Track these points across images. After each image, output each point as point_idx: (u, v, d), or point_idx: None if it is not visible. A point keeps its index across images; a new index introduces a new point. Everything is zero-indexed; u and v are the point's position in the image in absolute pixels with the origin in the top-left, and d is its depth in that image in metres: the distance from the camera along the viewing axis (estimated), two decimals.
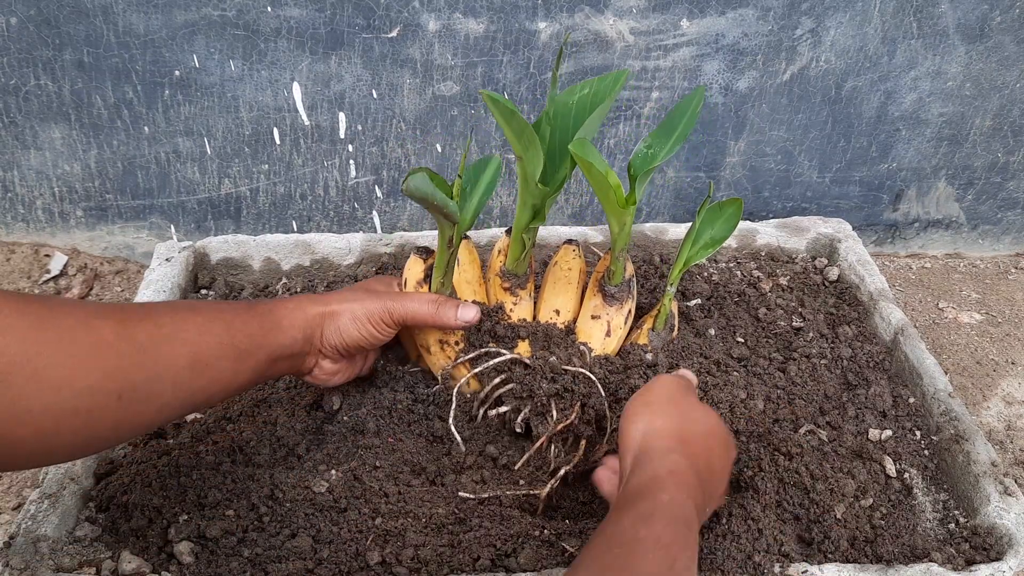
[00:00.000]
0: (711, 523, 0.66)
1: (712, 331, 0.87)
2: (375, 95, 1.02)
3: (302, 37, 0.97)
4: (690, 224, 0.77)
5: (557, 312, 0.79)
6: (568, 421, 0.70)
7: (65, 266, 1.12)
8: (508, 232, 0.79)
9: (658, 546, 0.50)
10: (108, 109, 1.01)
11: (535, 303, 0.80)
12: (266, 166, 1.07)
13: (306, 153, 1.06)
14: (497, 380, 0.73)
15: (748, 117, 1.08)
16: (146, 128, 1.02)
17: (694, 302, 0.91)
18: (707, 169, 1.12)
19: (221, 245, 0.96)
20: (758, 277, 0.97)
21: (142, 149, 1.04)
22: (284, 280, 0.96)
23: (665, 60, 1.02)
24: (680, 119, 0.73)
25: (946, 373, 0.84)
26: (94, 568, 0.61)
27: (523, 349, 0.76)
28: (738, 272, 0.98)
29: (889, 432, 0.77)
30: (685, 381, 0.67)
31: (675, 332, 0.82)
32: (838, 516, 0.68)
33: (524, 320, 0.78)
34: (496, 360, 0.73)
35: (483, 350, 0.74)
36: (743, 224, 1.02)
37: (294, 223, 1.12)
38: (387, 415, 0.77)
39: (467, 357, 0.74)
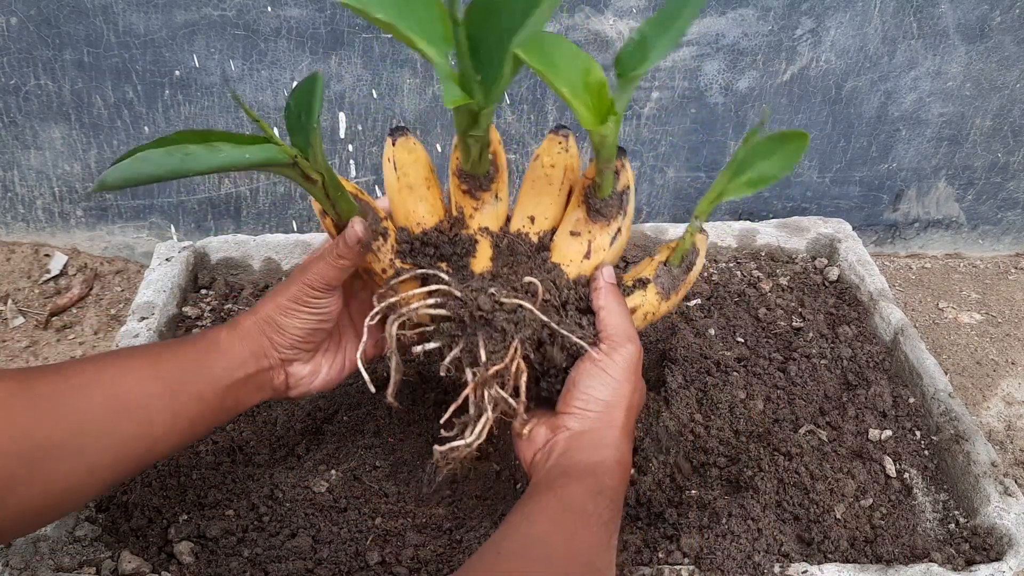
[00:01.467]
0: (711, 523, 0.66)
1: (712, 331, 0.87)
2: (375, 95, 1.02)
3: (302, 37, 0.97)
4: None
5: (531, 219, 0.65)
6: (501, 365, 0.58)
7: (65, 266, 1.12)
8: None
9: (600, 522, 0.53)
10: (108, 109, 1.01)
11: (513, 207, 0.67)
12: None
13: None
14: (416, 305, 0.60)
15: (748, 117, 1.08)
16: (146, 128, 1.02)
17: (694, 302, 0.91)
18: (707, 169, 1.12)
19: (221, 245, 0.96)
20: (758, 277, 0.97)
21: None
22: (284, 280, 0.96)
23: (665, 60, 1.02)
24: (683, 5, 0.57)
25: (946, 373, 0.84)
26: (94, 568, 0.61)
27: (481, 265, 0.64)
28: (738, 272, 0.98)
29: (889, 432, 0.77)
30: (640, 349, 0.62)
31: (692, 273, 0.67)
32: (838, 516, 0.68)
33: (486, 228, 0.64)
34: (416, 302, 0.60)
35: (400, 277, 0.61)
36: (743, 224, 1.02)
37: (294, 223, 1.12)
38: (387, 415, 0.77)
39: (378, 309, 0.61)
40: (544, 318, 0.60)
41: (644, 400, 0.64)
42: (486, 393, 0.59)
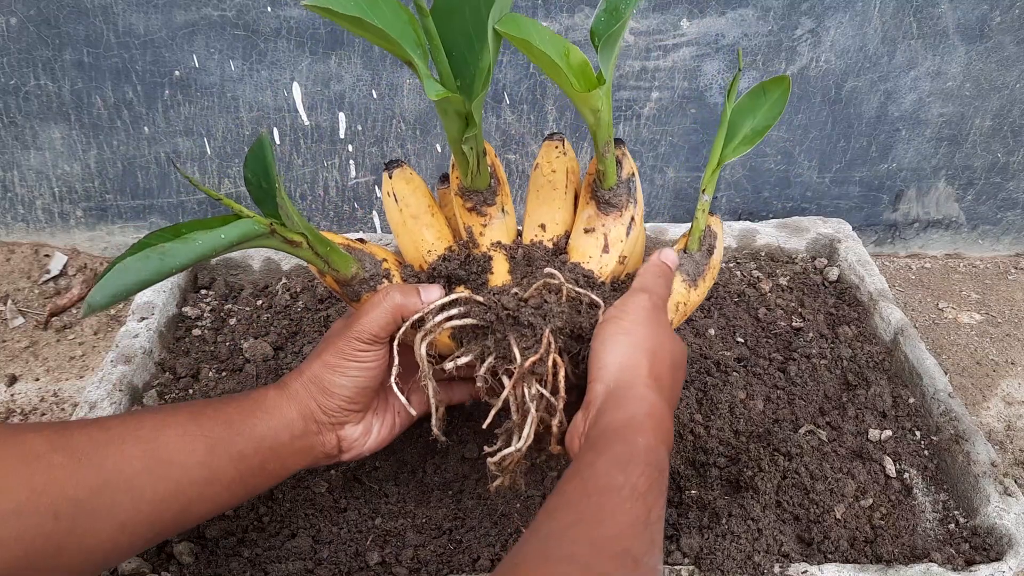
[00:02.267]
0: (711, 523, 0.66)
1: (712, 331, 0.87)
2: (375, 95, 1.02)
3: (302, 37, 0.97)
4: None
5: (543, 227, 0.64)
6: (536, 357, 0.56)
7: (65, 266, 1.12)
8: None
9: (635, 494, 0.47)
10: (108, 109, 1.01)
11: (520, 228, 0.66)
12: None
13: (306, 153, 1.06)
14: (441, 317, 0.58)
15: None
16: (146, 128, 1.02)
17: None
18: None
19: None
20: (758, 277, 0.97)
21: (142, 149, 1.04)
22: (284, 280, 0.96)
23: (665, 60, 1.02)
24: None
25: (946, 373, 0.84)
26: None
27: (499, 279, 0.62)
28: (738, 272, 0.98)
29: (889, 432, 0.77)
30: (656, 298, 0.59)
31: (715, 257, 0.66)
32: (838, 516, 0.68)
33: (498, 243, 0.63)
34: (440, 315, 0.58)
35: (419, 313, 0.58)
36: (743, 224, 1.02)
37: None
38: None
39: (404, 328, 0.59)
40: (573, 286, 0.58)
41: (677, 348, 0.58)
42: (526, 391, 0.57)
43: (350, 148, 1.06)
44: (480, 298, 0.58)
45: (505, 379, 0.58)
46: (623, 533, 0.46)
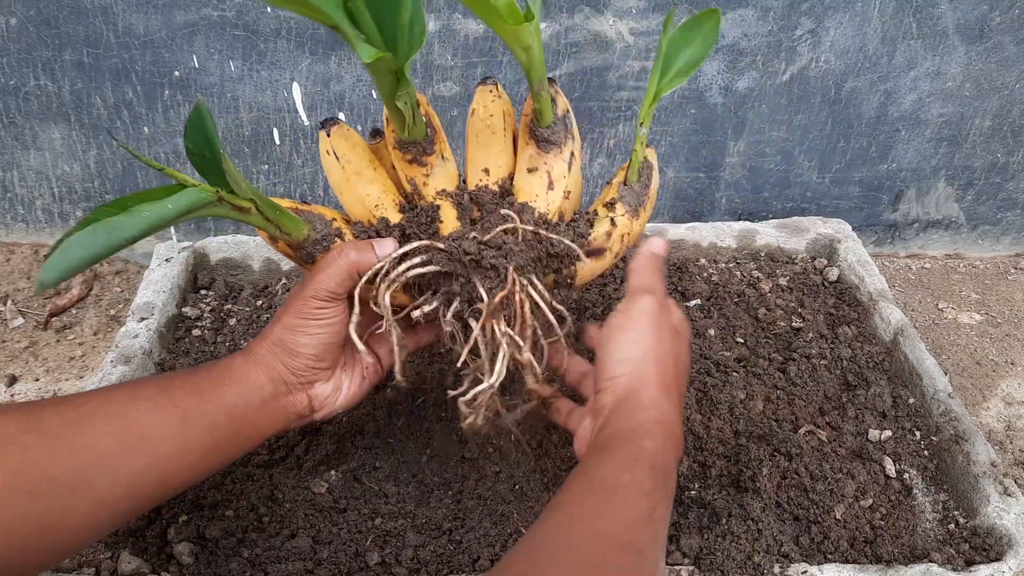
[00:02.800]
0: (711, 523, 0.66)
1: (712, 331, 0.87)
2: (375, 95, 1.02)
3: (302, 37, 0.97)
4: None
5: (487, 171, 0.65)
6: (504, 292, 0.57)
7: None
8: None
9: (640, 493, 0.48)
10: (108, 109, 1.01)
11: (464, 169, 0.67)
12: (266, 166, 1.07)
13: (306, 153, 1.06)
14: (403, 267, 0.58)
15: (748, 117, 1.08)
16: (146, 128, 1.02)
17: (694, 302, 0.91)
18: (707, 169, 1.12)
19: (221, 245, 0.96)
20: (758, 277, 0.97)
21: (142, 149, 1.04)
22: (284, 280, 0.96)
23: None
24: None
25: (946, 373, 0.84)
26: (94, 568, 0.61)
27: (449, 227, 0.63)
28: (738, 272, 0.98)
29: (889, 432, 0.77)
30: (659, 298, 0.60)
31: (652, 188, 0.67)
32: (838, 516, 0.68)
33: (443, 191, 0.63)
34: (402, 264, 0.58)
35: (381, 264, 0.59)
36: (743, 224, 1.02)
37: None
38: (387, 415, 0.77)
39: (366, 278, 0.59)
40: (532, 228, 0.59)
41: (682, 348, 0.59)
42: (496, 328, 0.58)
43: None
44: (441, 245, 0.59)
45: (472, 322, 0.59)
46: (626, 527, 0.47)
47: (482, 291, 0.58)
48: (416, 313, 0.60)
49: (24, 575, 0.47)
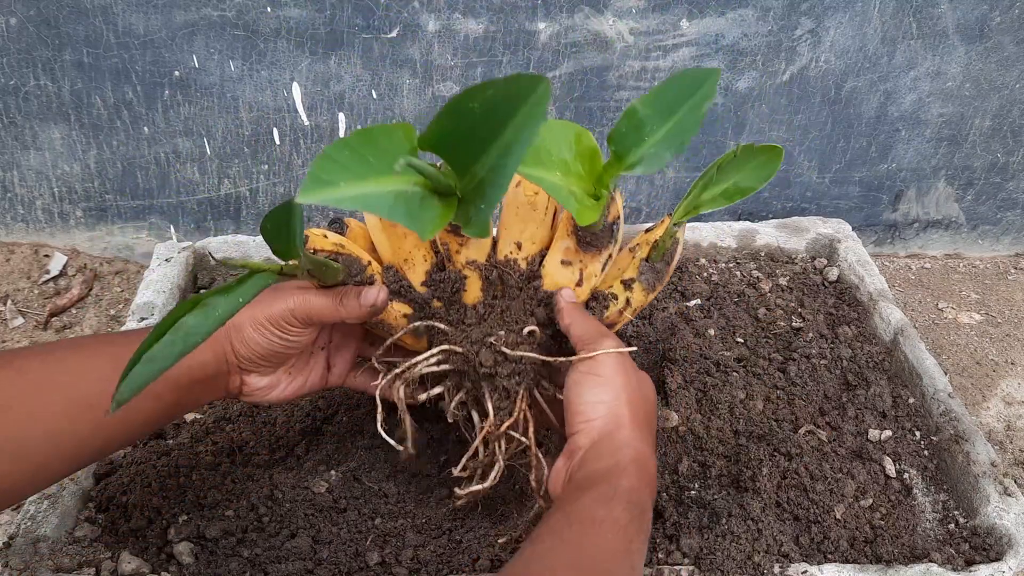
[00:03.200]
0: (711, 523, 0.66)
1: (712, 331, 0.87)
2: (375, 95, 1.02)
3: (302, 37, 0.97)
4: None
5: (518, 246, 0.64)
6: (511, 420, 0.61)
7: (65, 266, 1.12)
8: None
9: (616, 527, 0.50)
10: (108, 109, 1.01)
11: (495, 237, 0.67)
12: (266, 166, 1.07)
13: (306, 153, 1.06)
14: (421, 367, 0.61)
15: (748, 117, 1.08)
16: (146, 128, 1.02)
17: (694, 302, 0.91)
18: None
19: (221, 245, 0.96)
20: (758, 277, 0.97)
21: (142, 149, 1.04)
22: None
23: (665, 60, 1.02)
24: (679, 104, 0.55)
25: (946, 373, 0.84)
26: (94, 568, 0.61)
27: (471, 297, 0.64)
28: (738, 272, 0.98)
29: (889, 432, 0.77)
30: (618, 342, 0.62)
31: (672, 264, 0.67)
32: (838, 516, 0.68)
33: (473, 261, 0.64)
34: (419, 366, 0.61)
35: (401, 368, 0.62)
36: (743, 224, 1.02)
37: None
38: (386, 416, 0.77)
39: (382, 381, 0.63)
40: (549, 359, 0.61)
41: (647, 386, 0.61)
42: (497, 446, 0.61)
43: None
44: (459, 349, 0.61)
45: (475, 414, 0.62)
46: (605, 558, 0.49)
47: (489, 407, 0.60)
48: (423, 396, 0.63)
49: None
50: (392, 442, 0.62)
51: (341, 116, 1.03)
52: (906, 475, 0.74)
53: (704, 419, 0.76)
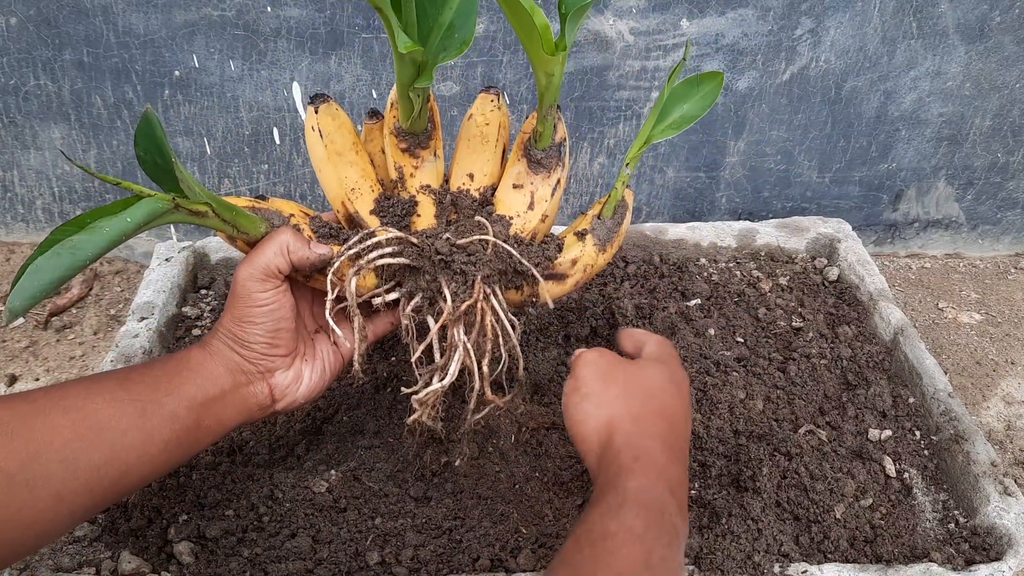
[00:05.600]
0: (711, 523, 0.66)
1: (712, 331, 0.87)
2: (375, 95, 1.02)
3: (302, 37, 0.97)
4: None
5: (471, 176, 0.66)
6: (471, 301, 0.59)
7: None
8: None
9: (631, 538, 0.47)
10: (108, 109, 1.01)
11: (449, 168, 0.68)
12: (266, 166, 1.07)
13: (306, 153, 1.06)
14: (374, 254, 0.59)
15: (748, 117, 1.08)
16: None
17: (694, 302, 0.91)
18: (707, 169, 1.12)
19: (221, 245, 0.96)
20: (758, 277, 0.97)
21: None
22: None
23: (665, 60, 1.02)
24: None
25: (946, 373, 0.84)
26: (94, 568, 0.61)
27: (425, 222, 0.64)
28: (738, 272, 0.98)
29: (889, 432, 0.77)
30: (599, 350, 0.62)
31: (623, 226, 0.69)
32: (838, 516, 0.68)
33: (427, 186, 0.64)
34: (374, 252, 0.59)
35: (356, 239, 0.60)
36: (743, 224, 1.02)
37: None
38: (386, 415, 0.77)
39: (336, 262, 0.60)
40: (506, 246, 0.61)
41: (647, 375, 0.60)
42: (455, 333, 0.59)
43: None
44: (414, 240, 0.60)
45: (430, 319, 0.61)
46: (624, 571, 0.46)
47: (447, 292, 0.59)
48: (378, 300, 0.61)
49: None
50: (340, 334, 0.61)
51: None
52: (906, 475, 0.74)
53: (704, 419, 0.76)
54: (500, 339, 0.62)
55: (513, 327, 0.63)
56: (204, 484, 0.69)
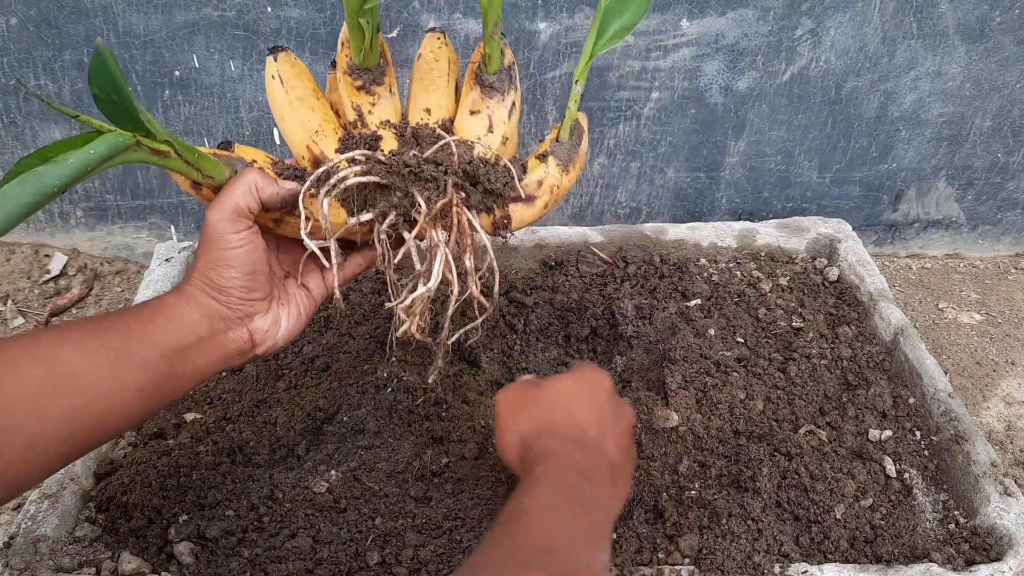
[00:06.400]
0: (711, 523, 0.66)
1: (712, 331, 0.87)
2: None
3: (302, 37, 0.97)
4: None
5: (428, 111, 0.67)
6: (445, 200, 0.60)
7: (65, 266, 1.12)
8: None
9: (542, 508, 0.51)
10: None
11: (405, 105, 0.68)
12: None
13: None
14: (344, 173, 0.60)
15: (748, 117, 1.08)
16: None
17: (694, 302, 0.91)
18: (707, 169, 1.12)
19: None
20: (758, 277, 0.97)
21: None
22: None
23: (665, 60, 1.02)
24: None
25: (946, 373, 0.84)
26: (94, 568, 0.61)
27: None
28: (738, 272, 0.98)
29: (889, 432, 0.77)
30: (517, 384, 0.67)
31: (583, 147, 0.70)
32: (838, 516, 0.68)
33: (387, 122, 0.65)
34: (344, 170, 0.60)
35: (322, 169, 0.60)
36: (743, 224, 1.02)
37: None
38: (387, 415, 0.77)
39: (308, 182, 0.60)
40: (466, 150, 0.62)
41: (559, 397, 0.64)
42: (434, 234, 0.61)
43: None
44: (382, 157, 0.61)
45: (405, 234, 0.61)
46: (538, 535, 0.50)
47: (420, 200, 0.60)
48: (353, 220, 0.61)
49: None
50: (321, 256, 0.61)
51: None
52: (906, 475, 0.74)
53: (704, 419, 0.76)
54: (475, 249, 0.63)
55: (487, 242, 0.64)
56: (204, 484, 0.69)
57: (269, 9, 0.95)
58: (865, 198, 1.17)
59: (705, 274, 0.96)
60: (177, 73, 0.99)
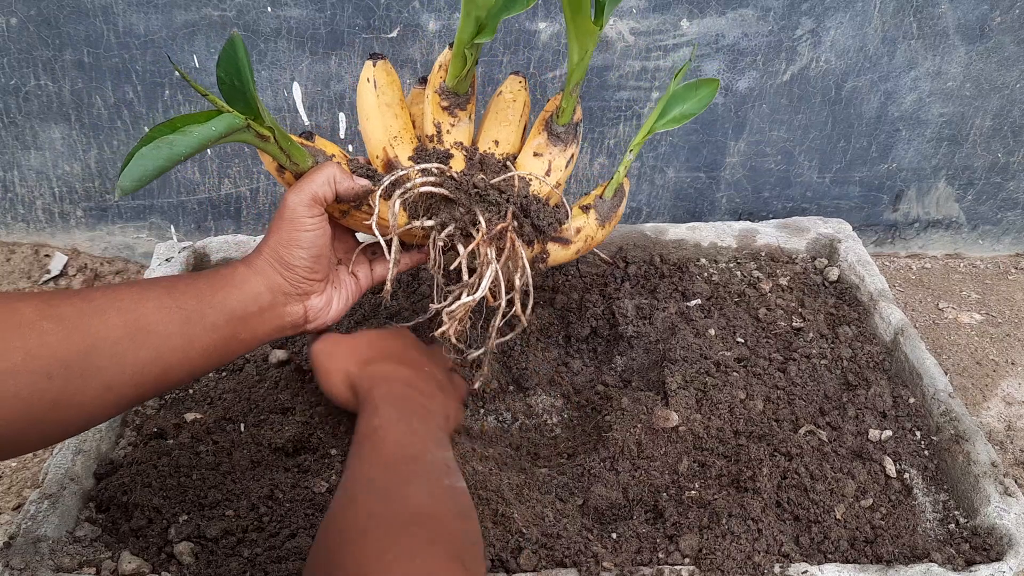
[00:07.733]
0: (711, 523, 0.66)
1: (712, 331, 0.87)
2: None
3: (302, 37, 0.97)
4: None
5: (496, 143, 0.73)
6: (504, 224, 0.67)
7: (65, 266, 1.12)
8: (451, 47, 0.71)
9: (392, 423, 0.61)
10: (108, 109, 1.01)
11: (475, 133, 0.75)
12: None
13: None
14: (418, 180, 0.67)
15: (748, 117, 1.08)
16: (146, 128, 1.02)
17: (694, 302, 0.91)
18: (707, 169, 1.12)
19: (221, 245, 0.96)
20: (758, 277, 0.97)
21: None
22: None
23: (665, 60, 1.02)
24: None
25: (946, 373, 0.84)
26: (94, 568, 0.61)
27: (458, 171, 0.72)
28: (738, 272, 0.98)
29: (889, 432, 0.77)
30: (332, 335, 0.73)
31: (620, 209, 0.77)
32: (838, 516, 0.68)
33: (460, 143, 0.72)
34: (419, 177, 0.67)
35: (399, 173, 0.68)
36: (743, 224, 1.02)
37: None
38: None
39: (384, 183, 0.68)
40: (532, 178, 0.70)
41: (372, 338, 0.74)
42: (488, 252, 0.67)
43: (350, 148, 1.06)
44: (453, 174, 0.68)
45: (460, 247, 0.69)
46: (398, 447, 0.58)
47: (481, 219, 0.67)
48: (416, 223, 0.69)
49: (37, 446, 0.53)
50: (385, 248, 0.69)
51: (342, 116, 1.03)
52: (906, 475, 0.74)
53: (704, 419, 0.76)
54: (522, 270, 0.70)
55: (527, 269, 0.71)
56: (204, 484, 0.69)
57: (269, 9, 0.95)
58: (865, 198, 1.17)
59: (705, 274, 0.96)
60: (177, 73, 0.99)
